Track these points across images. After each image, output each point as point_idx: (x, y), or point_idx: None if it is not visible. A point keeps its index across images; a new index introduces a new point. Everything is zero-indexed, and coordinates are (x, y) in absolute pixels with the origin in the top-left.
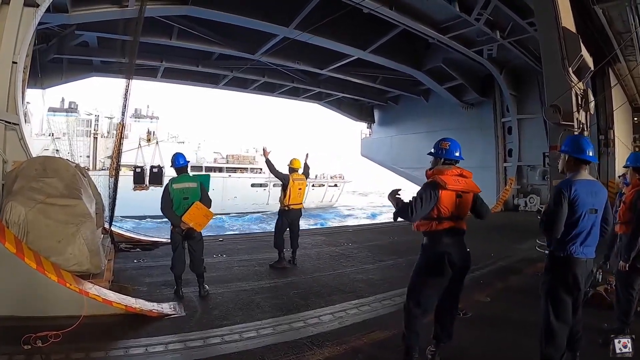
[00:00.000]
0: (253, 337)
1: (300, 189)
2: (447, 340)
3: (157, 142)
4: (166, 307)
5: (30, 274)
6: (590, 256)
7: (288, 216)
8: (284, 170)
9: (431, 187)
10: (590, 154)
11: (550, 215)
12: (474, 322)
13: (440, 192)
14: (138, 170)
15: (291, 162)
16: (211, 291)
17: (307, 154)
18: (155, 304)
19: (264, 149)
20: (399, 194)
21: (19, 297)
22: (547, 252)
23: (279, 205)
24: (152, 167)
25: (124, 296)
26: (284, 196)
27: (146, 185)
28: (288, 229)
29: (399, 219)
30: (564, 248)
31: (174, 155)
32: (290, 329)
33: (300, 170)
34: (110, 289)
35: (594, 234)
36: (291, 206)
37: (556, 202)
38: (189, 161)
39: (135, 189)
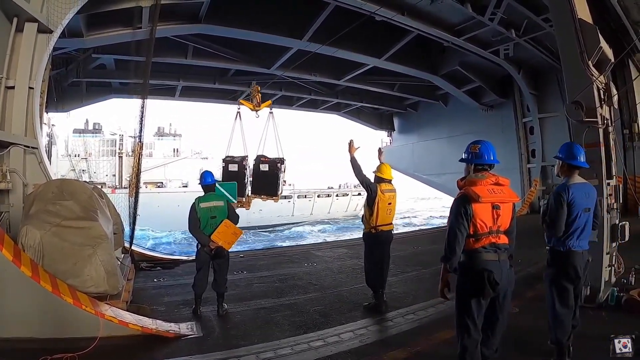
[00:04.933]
0: (270, 357)
1: (390, 203)
2: (490, 354)
3: (270, 112)
4: (183, 328)
5: (46, 297)
6: (585, 248)
7: (377, 241)
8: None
9: (461, 203)
10: (582, 159)
11: (553, 216)
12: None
13: (473, 205)
14: (233, 167)
15: (379, 169)
16: (230, 310)
17: (379, 149)
18: (172, 324)
19: (350, 143)
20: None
21: (36, 319)
22: (547, 248)
23: (363, 227)
24: (226, 160)
25: (141, 317)
26: (370, 214)
27: (248, 195)
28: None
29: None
30: (563, 243)
31: (202, 173)
32: (309, 348)
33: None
34: (127, 310)
35: (587, 229)
36: (379, 228)
37: (557, 205)
38: (217, 180)
39: None
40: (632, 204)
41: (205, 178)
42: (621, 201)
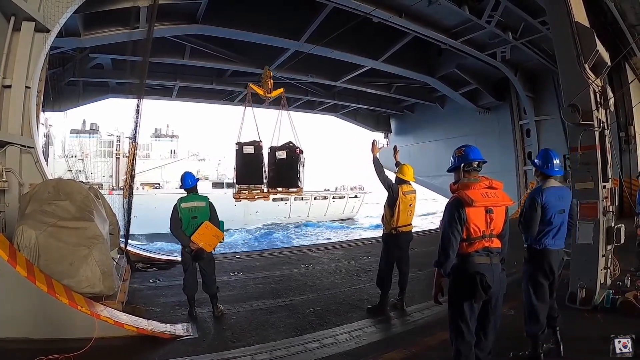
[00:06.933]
0: (266, 359)
1: (410, 204)
2: (484, 356)
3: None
4: (179, 329)
5: (42, 297)
6: (560, 247)
7: (397, 242)
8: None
9: (455, 207)
10: (556, 166)
11: (527, 218)
12: (497, 338)
13: (466, 210)
14: (249, 149)
15: (401, 170)
16: (225, 311)
17: (395, 147)
18: (168, 325)
19: (373, 143)
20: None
21: (31, 320)
22: (525, 246)
23: (383, 228)
24: (240, 143)
25: (136, 318)
26: (391, 215)
27: (265, 186)
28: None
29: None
30: (539, 242)
31: (182, 175)
32: (305, 350)
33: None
34: (123, 310)
35: (562, 229)
36: (400, 228)
37: (531, 208)
38: (198, 179)
39: (238, 195)
40: (628, 207)
41: (186, 181)
42: (617, 204)
